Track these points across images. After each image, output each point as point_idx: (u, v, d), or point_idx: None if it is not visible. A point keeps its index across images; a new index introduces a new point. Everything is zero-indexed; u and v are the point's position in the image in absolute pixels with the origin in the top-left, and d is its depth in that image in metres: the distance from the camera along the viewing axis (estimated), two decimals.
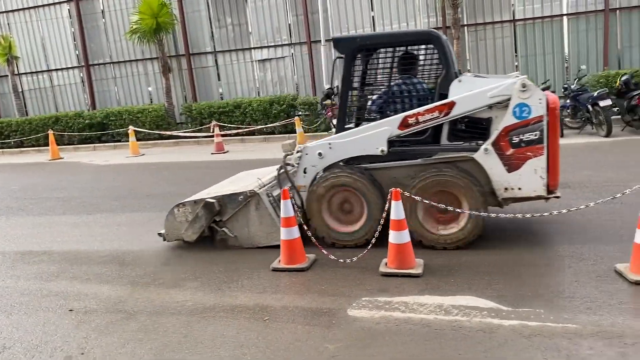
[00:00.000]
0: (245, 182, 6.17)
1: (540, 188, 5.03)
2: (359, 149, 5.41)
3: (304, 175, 5.60)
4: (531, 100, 4.88)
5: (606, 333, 3.48)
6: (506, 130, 4.97)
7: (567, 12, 13.41)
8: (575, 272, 4.48)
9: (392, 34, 6.58)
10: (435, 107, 5.16)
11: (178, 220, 5.82)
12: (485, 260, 4.88)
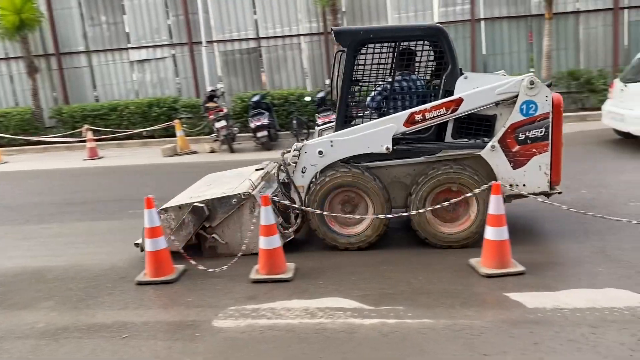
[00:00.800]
0: (228, 184, 5.69)
1: (544, 184, 5.10)
2: (363, 146, 5.21)
3: (302, 175, 5.32)
4: (538, 98, 4.92)
5: (457, 325, 3.68)
6: (513, 127, 4.99)
7: (438, 21, 14.24)
8: (435, 269, 4.71)
9: (398, 28, 6.18)
10: (442, 103, 5.06)
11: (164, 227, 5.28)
12: (354, 261, 4.99)
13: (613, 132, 9.88)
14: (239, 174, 6.26)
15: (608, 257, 4.68)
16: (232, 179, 5.96)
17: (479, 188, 4.81)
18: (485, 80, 5.13)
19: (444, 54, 5.17)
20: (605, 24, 13.81)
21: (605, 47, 13.88)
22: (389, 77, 5.73)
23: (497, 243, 4.46)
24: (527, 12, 13.97)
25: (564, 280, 4.30)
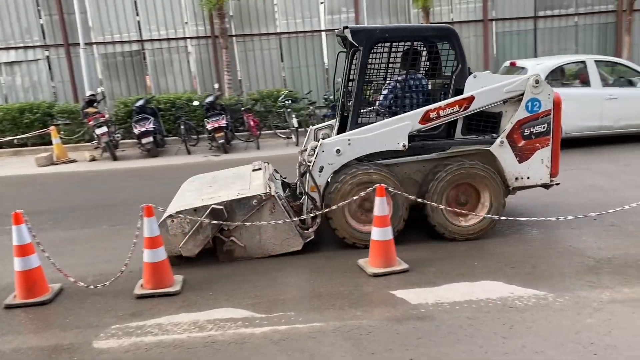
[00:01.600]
0: (235, 185, 5.46)
1: (546, 176, 5.38)
2: (380, 144, 5.21)
3: (319, 175, 5.18)
4: (542, 96, 5.20)
5: (346, 326, 3.76)
6: (519, 123, 5.24)
7: (325, 29, 14.57)
8: (326, 271, 4.78)
9: (412, 28, 6.23)
10: (455, 101, 5.20)
11: (172, 234, 4.91)
12: (247, 269, 4.91)
13: None
14: (238, 175, 5.99)
15: (484, 252, 5.02)
16: (236, 180, 5.74)
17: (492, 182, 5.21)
18: (492, 80, 5.39)
19: (455, 53, 5.33)
20: (477, 35, 14.93)
21: (477, 55, 15.00)
22: (397, 77, 5.71)
23: (383, 243, 4.63)
24: (408, 22, 14.70)
25: (444, 275, 4.54)
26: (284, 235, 5.12)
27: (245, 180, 5.67)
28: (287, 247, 5.15)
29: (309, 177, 5.16)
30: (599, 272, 4.43)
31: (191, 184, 6.18)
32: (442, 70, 5.59)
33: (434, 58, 5.64)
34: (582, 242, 5.10)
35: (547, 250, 4.96)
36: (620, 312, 3.73)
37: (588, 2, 15.14)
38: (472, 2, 14.79)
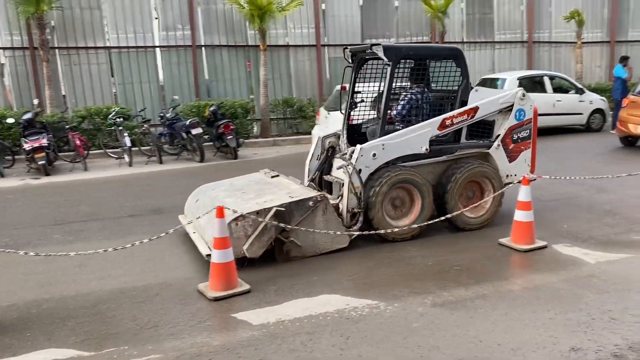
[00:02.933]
0: (276, 191, 5.80)
1: (527, 173, 6.25)
2: (407, 148, 5.84)
3: (358, 177, 5.61)
4: (526, 106, 6.27)
5: (186, 355, 3.60)
6: (510, 129, 6.25)
7: (160, 45, 14.09)
8: (161, 299, 4.55)
9: (430, 47, 7.17)
10: (465, 111, 6.05)
11: (235, 237, 4.96)
12: (67, 305, 4.46)
13: None
14: (263, 182, 6.32)
15: (323, 266, 5.19)
16: (268, 186, 6.07)
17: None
18: (487, 94, 6.56)
19: (461, 70, 6.16)
20: (311, 59, 15.62)
21: (312, 78, 15.68)
22: (411, 90, 6.39)
23: (223, 265, 4.54)
24: (245, 43, 14.87)
25: (285, 293, 4.60)
26: (334, 234, 5.41)
27: (277, 186, 6.09)
28: (336, 245, 5.51)
29: (351, 179, 5.59)
30: (423, 279, 4.84)
31: (211, 191, 6.33)
32: (449, 84, 6.46)
33: (442, 73, 6.45)
34: (407, 252, 5.53)
35: (378, 261, 5.29)
36: (441, 315, 4.10)
37: (407, 33, 16.73)
38: (306, 28, 15.45)
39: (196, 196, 6.47)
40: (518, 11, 18.01)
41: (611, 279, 4.67)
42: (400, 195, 5.90)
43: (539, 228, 5.79)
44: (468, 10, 17.35)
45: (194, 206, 6.26)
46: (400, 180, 5.73)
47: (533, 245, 5.47)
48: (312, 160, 6.51)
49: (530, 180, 6.09)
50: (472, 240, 5.82)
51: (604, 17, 19.27)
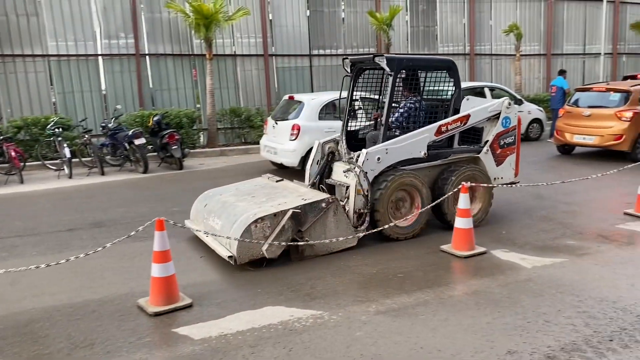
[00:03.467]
0: (286, 194, 6.03)
1: (512, 176, 6.92)
2: (408, 153, 6.19)
3: (364, 179, 5.88)
4: (511, 115, 6.74)
5: None
6: (497, 135, 6.70)
7: (102, 53, 13.70)
8: (99, 316, 4.39)
9: (428, 59, 7.95)
10: (458, 118, 6.46)
11: (255, 238, 5.21)
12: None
13: (270, 164, 11.14)
14: (269, 187, 6.52)
15: (267, 277, 5.15)
16: (277, 190, 6.27)
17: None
18: (477, 102, 7.00)
19: (454, 80, 6.60)
20: (259, 68, 15.58)
21: (260, 88, 15.65)
22: (409, 99, 6.73)
23: (164, 279, 4.43)
24: (191, 52, 14.68)
25: (228, 305, 4.53)
26: (344, 234, 5.69)
27: (285, 189, 6.30)
28: (346, 244, 5.77)
29: (360, 181, 5.86)
30: (367, 287, 4.88)
31: (218, 196, 6.43)
32: (443, 92, 6.92)
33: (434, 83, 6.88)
34: (352, 260, 5.56)
35: (323, 270, 5.29)
36: (383, 323, 4.14)
37: (354, 44, 16.98)
38: (253, 37, 15.43)
39: (204, 201, 6.52)
40: (460, 24, 18.62)
41: (546, 283, 4.85)
42: (403, 197, 6.25)
43: (478, 234, 5.97)
44: (412, 22, 17.80)
45: (203, 211, 6.32)
46: (403, 182, 6.08)
47: (473, 252, 5.62)
48: (312, 165, 6.75)
49: (514, 184, 7.05)
50: (415, 248, 5.92)
51: (541, 31, 20.19)
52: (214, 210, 6.06)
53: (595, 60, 21.12)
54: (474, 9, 18.57)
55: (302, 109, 10.06)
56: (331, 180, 6.62)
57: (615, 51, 21.76)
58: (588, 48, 21.23)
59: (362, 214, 5.93)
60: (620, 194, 8.11)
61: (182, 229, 5.54)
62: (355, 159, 6.10)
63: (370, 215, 5.94)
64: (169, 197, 8.81)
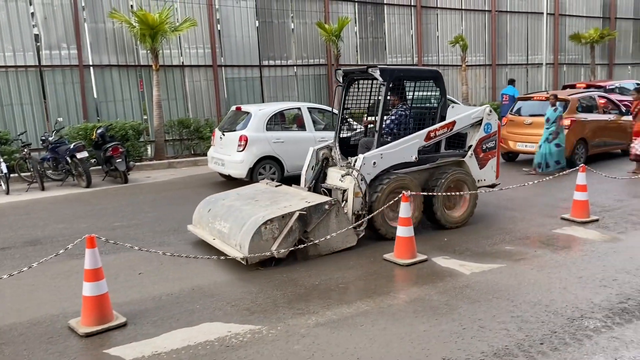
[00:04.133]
0: (288, 198, 6.27)
1: (494, 178, 7.45)
2: (400, 157, 6.58)
3: (360, 184, 6.24)
4: (492, 121, 7.26)
5: None
6: (480, 140, 7.19)
7: (43, 64, 13.25)
8: (25, 339, 4.18)
9: (417, 69, 8.32)
10: (445, 124, 6.92)
11: (265, 239, 5.50)
12: None
13: (219, 175, 10.99)
14: (270, 191, 6.74)
15: (205, 293, 5.04)
16: (279, 194, 6.49)
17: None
18: (461, 110, 7.31)
19: (440, 89, 7.01)
20: (208, 79, 15.42)
21: (210, 99, 15.48)
22: (399, 108, 7.10)
23: (96, 299, 4.28)
24: (137, 62, 14.37)
25: (164, 323, 4.40)
26: (345, 234, 5.96)
27: (287, 193, 6.54)
28: (347, 244, 6.07)
29: (359, 184, 6.23)
30: (308, 299, 4.84)
31: (222, 201, 6.65)
32: (429, 101, 7.51)
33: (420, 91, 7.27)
34: (295, 272, 5.52)
35: (265, 284, 5.22)
36: (322, 335, 4.12)
37: (304, 55, 17.04)
38: (202, 48, 15.27)
39: (207, 206, 6.72)
40: (408, 35, 19.00)
41: (483, 289, 4.94)
42: (397, 199, 6.44)
43: (420, 242, 6.05)
44: (361, 34, 18.04)
45: (207, 215, 6.52)
46: (397, 185, 6.36)
47: (414, 259, 5.68)
48: (307, 170, 7.07)
49: (494, 186, 7.51)
50: (358, 258, 5.93)
51: (486, 42, 20.83)
52: (220, 214, 6.29)
53: (537, 70, 21.94)
54: (421, 21, 19.00)
55: (250, 119, 9.99)
56: (326, 185, 6.89)
57: (556, 61, 22.67)
58: (531, 58, 22.05)
59: (361, 215, 6.25)
60: (558, 199, 8.39)
61: (118, 245, 5.35)
62: (353, 163, 6.38)
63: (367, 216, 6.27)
64: (112, 211, 8.55)
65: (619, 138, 12.46)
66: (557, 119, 10.61)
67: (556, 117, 10.60)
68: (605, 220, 7.17)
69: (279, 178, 9.95)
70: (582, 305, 4.53)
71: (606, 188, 9.09)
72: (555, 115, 10.60)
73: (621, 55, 24.86)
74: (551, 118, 10.61)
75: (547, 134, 10.68)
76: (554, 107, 10.66)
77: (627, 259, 5.64)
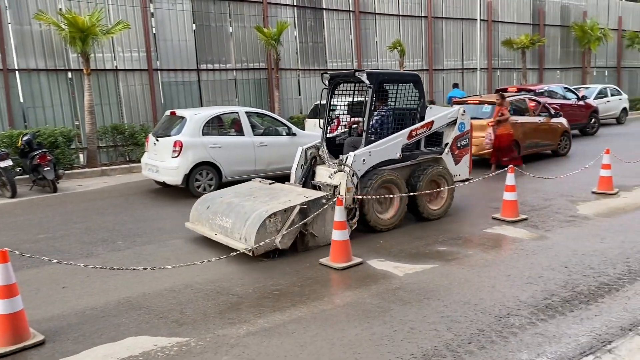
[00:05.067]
0: (286, 193, 6.62)
1: (467, 173, 8.07)
2: (386, 155, 7.00)
3: (352, 180, 6.59)
4: (465, 120, 7.90)
5: None
6: (455, 138, 7.79)
7: None
8: None
9: (399, 73, 9.10)
10: (425, 124, 7.42)
11: (269, 231, 5.82)
12: None
13: (154, 182, 10.66)
14: (265, 189, 7.02)
15: (131, 306, 4.83)
16: (275, 191, 6.83)
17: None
18: (438, 111, 7.81)
19: (419, 92, 7.59)
20: (143, 83, 14.97)
21: (145, 103, 15.03)
22: (382, 109, 7.53)
23: (9, 317, 4.02)
24: (67, 66, 13.77)
25: (85, 340, 4.17)
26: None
27: (282, 190, 6.87)
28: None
29: (351, 180, 6.62)
30: (240, 308, 4.72)
31: (219, 198, 6.91)
32: (409, 102, 7.86)
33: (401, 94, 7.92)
34: (228, 281, 5.39)
35: (195, 294, 5.07)
36: (252, 344, 4.02)
37: (243, 59, 16.86)
38: (137, 52, 14.82)
39: (205, 204, 6.99)
40: (347, 40, 19.17)
41: (415, 290, 4.99)
42: (384, 193, 6.97)
43: (356, 245, 6.06)
44: (301, 38, 18.05)
45: (206, 212, 6.78)
46: (385, 180, 6.87)
47: (350, 263, 5.68)
48: (297, 169, 7.47)
49: (468, 180, 8.04)
50: (294, 263, 5.86)
51: (423, 47, 21.32)
52: (220, 211, 6.56)
53: (472, 75, 22.66)
54: (359, 26, 19.21)
55: (185, 124, 9.73)
56: (316, 182, 7.32)
57: (490, 66, 23.51)
58: (466, 63, 22.75)
59: (352, 209, 6.60)
60: (490, 199, 8.63)
61: (38, 260, 5.04)
62: (344, 160, 6.76)
63: (359, 209, 6.67)
64: (37, 222, 8.11)
65: (549, 139, 13.02)
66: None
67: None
68: (533, 219, 7.43)
69: (217, 184, 9.76)
70: (509, 303, 4.64)
71: (536, 187, 9.45)
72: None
73: (550, 60, 26.08)
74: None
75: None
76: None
77: (552, 256, 5.85)
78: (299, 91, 18.19)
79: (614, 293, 4.81)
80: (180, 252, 6.45)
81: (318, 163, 7.55)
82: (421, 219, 7.38)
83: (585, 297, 4.72)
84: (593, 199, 8.56)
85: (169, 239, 7.02)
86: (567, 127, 13.53)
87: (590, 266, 5.51)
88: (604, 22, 27.04)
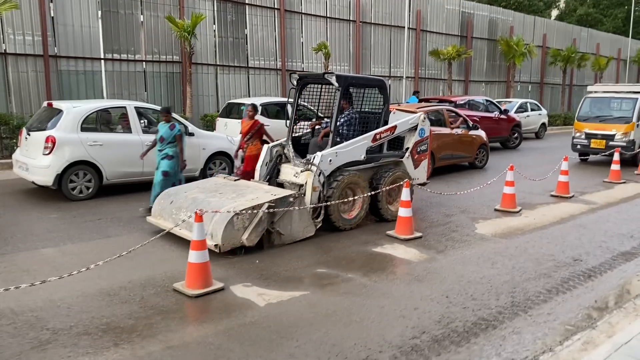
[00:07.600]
0: (253, 190, 6.63)
1: (425, 178, 8.32)
2: (352, 156, 7.20)
3: (319, 179, 6.76)
4: (425, 127, 8.14)
5: None
6: (416, 144, 8.05)
7: None
8: None
9: (366, 77, 8.71)
10: (388, 128, 7.65)
11: (236, 229, 5.79)
12: None
13: (28, 182, 9.45)
14: (230, 185, 7.00)
15: None
16: (240, 188, 6.77)
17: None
18: (400, 116, 8.12)
19: (384, 97, 7.82)
20: (37, 70, 13.58)
21: (39, 92, 13.64)
22: (348, 112, 7.66)
23: None
24: None
25: None
26: (305, 224, 6.51)
27: (248, 187, 6.84)
28: (306, 234, 6.56)
29: (318, 179, 6.72)
30: (46, 349, 3.84)
31: (184, 193, 6.75)
32: (373, 105, 8.07)
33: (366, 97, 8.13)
34: (54, 309, 4.48)
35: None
36: None
37: (155, 51, 15.73)
38: (30, 35, 13.41)
39: (168, 198, 6.80)
40: (271, 39, 18.40)
41: (271, 325, 4.28)
42: (348, 194, 7.07)
43: (227, 266, 5.39)
44: (220, 33, 17.11)
45: (169, 207, 6.62)
46: (349, 181, 7.01)
47: (207, 289, 4.90)
48: (262, 166, 7.46)
49: (425, 184, 8.35)
50: (143, 288, 5.01)
51: (350, 51, 20.88)
52: (185, 206, 6.42)
53: (399, 83, 22.46)
54: (285, 25, 18.49)
55: (61, 118, 8.59)
56: (280, 180, 7.39)
57: (417, 75, 23.43)
58: (393, 71, 22.55)
59: (317, 208, 6.68)
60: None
61: None
62: (312, 160, 6.83)
63: (325, 208, 6.76)
64: None
65: (466, 151, 12.77)
66: (174, 138, 7.68)
67: (172, 135, 7.66)
68: (428, 237, 6.94)
69: (96, 187, 8.72)
70: (372, 343, 4.02)
71: (440, 201, 9.04)
72: (172, 134, 7.66)
73: (476, 72, 26.41)
74: (166, 137, 7.67)
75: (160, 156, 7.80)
76: (170, 124, 7.73)
77: (437, 283, 5.32)
78: (216, 88, 17.23)
79: (490, 331, 4.30)
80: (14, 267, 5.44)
81: (283, 161, 7.57)
82: (382, 220, 7.53)
83: (457, 337, 4.18)
84: (494, 216, 8.21)
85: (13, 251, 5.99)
86: (485, 140, 13.34)
87: (472, 296, 5.01)
88: (529, 38, 27.73)
